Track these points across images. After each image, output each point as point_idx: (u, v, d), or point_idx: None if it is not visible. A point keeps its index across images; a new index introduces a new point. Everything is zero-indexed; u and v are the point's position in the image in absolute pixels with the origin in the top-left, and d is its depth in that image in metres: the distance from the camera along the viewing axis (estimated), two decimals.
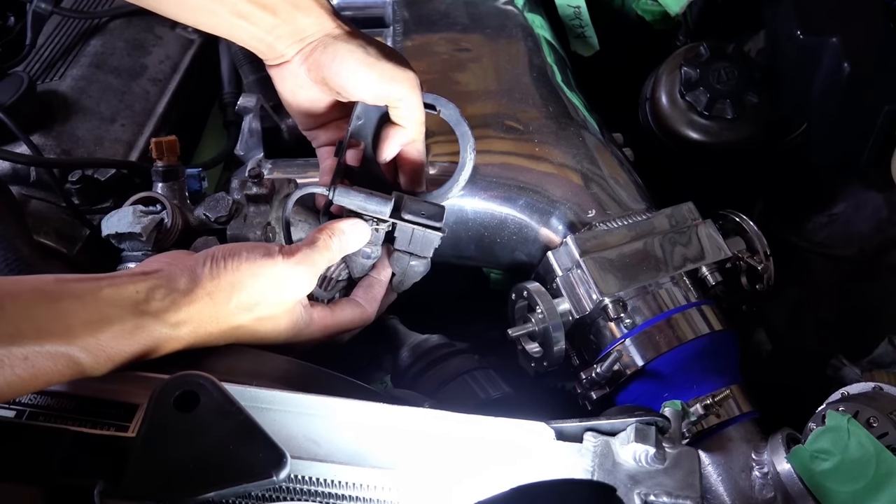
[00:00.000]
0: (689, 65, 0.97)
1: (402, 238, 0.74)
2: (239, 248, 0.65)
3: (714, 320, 0.78)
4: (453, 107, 0.78)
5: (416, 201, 0.75)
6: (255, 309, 0.64)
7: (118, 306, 0.56)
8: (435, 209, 0.74)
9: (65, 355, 0.53)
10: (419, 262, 0.76)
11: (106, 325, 0.55)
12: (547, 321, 0.77)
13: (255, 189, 0.83)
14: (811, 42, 0.89)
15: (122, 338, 0.55)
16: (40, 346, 0.51)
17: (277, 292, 0.65)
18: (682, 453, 0.55)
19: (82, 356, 0.53)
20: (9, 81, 0.95)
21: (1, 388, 0.50)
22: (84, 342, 0.53)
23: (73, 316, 0.54)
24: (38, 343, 0.51)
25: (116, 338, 0.55)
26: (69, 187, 0.93)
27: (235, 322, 0.63)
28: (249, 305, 0.63)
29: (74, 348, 0.53)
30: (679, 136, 0.99)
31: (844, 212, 0.95)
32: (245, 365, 0.64)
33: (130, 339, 0.56)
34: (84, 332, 0.54)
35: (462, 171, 0.78)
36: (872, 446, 0.62)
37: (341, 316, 0.73)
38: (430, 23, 1.00)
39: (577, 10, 1.07)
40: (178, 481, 0.48)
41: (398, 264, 0.76)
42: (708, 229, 0.82)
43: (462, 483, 0.53)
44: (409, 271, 0.77)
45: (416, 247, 0.75)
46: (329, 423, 0.55)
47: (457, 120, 0.78)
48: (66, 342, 0.53)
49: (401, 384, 0.82)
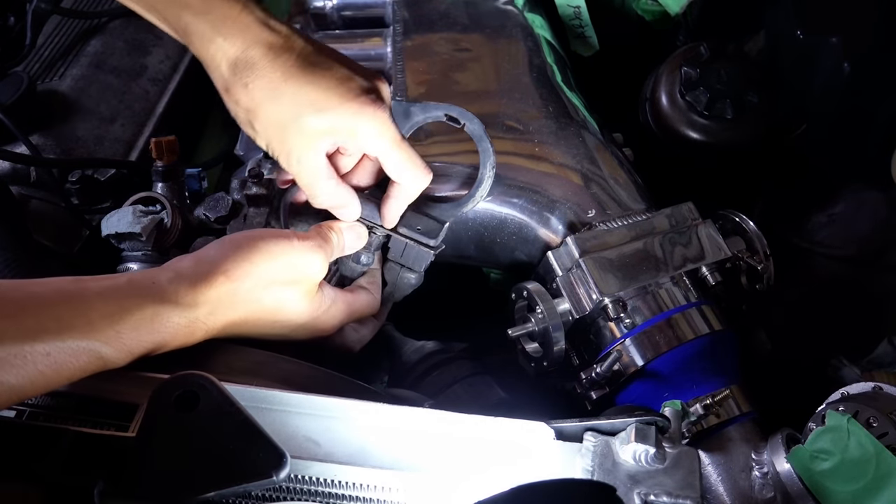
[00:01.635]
0: (689, 65, 0.97)
1: (396, 249, 0.75)
2: (254, 232, 0.65)
3: (714, 320, 0.78)
4: (478, 122, 0.76)
5: (416, 215, 0.75)
6: (272, 288, 0.64)
7: (137, 296, 0.57)
8: (433, 225, 0.74)
9: (86, 349, 0.53)
10: (411, 274, 0.76)
11: (126, 315, 0.55)
12: (547, 321, 0.77)
13: (255, 189, 0.83)
14: (811, 42, 0.89)
15: (143, 327, 0.56)
16: (62, 342, 0.52)
17: (294, 272, 0.65)
18: (682, 453, 0.55)
19: (104, 349, 0.54)
20: (9, 81, 0.95)
21: (24, 384, 0.51)
22: (105, 335, 0.54)
23: (94, 309, 0.55)
24: (60, 338, 0.52)
25: (136, 327, 0.56)
26: (69, 187, 0.93)
27: (254, 303, 0.63)
28: (266, 283, 0.63)
29: (96, 342, 0.54)
30: (679, 136, 0.99)
31: (844, 212, 0.95)
32: (245, 365, 0.64)
33: (150, 328, 0.56)
34: (104, 324, 0.54)
35: (479, 188, 0.77)
36: (872, 446, 0.62)
37: (359, 299, 0.73)
38: (430, 23, 1.00)
39: (577, 10, 1.07)
40: (177, 481, 0.48)
41: (389, 274, 0.76)
42: (708, 229, 0.82)
43: (462, 482, 0.53)
44: (400, 283, 0.77)
45: (408, 260, 0.75)
46: (329, 423, 0.55)
47: (480, 136, 0.76)
48: (88, 336, 0.53)
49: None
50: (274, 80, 0.63)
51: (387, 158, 0.69)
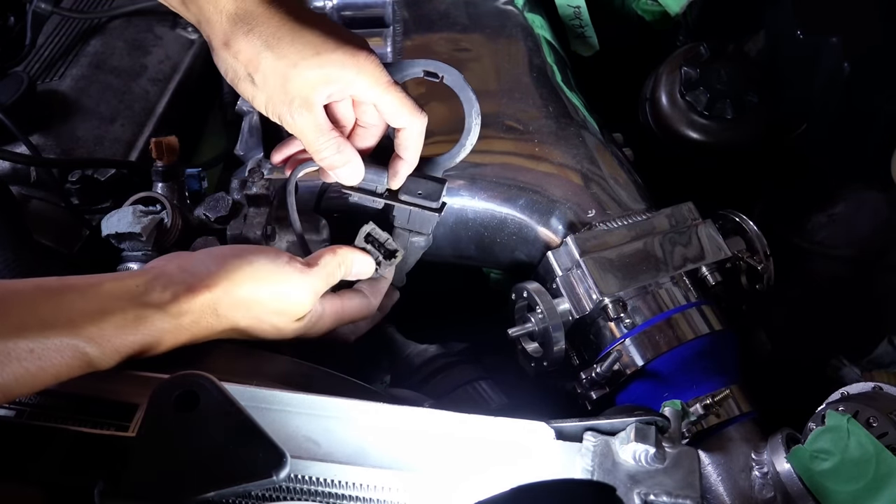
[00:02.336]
0: (689, 65, 0.97)
1: (401, 217, 0.75)
2: (244, 249, 0.65)
3: (714, 320, 0.78)
4: (456, 72, 0.75)
5: (416, 179, 0.75)
6: (253, 309, 0.64)
7: (119, 298, 0.57)
8: (433, 187, 0.75)
9: (70, 346, 0.53)
10: (420, 237, 0.77)
11: (108, 316, 0.56)
12: (547, 321, 0.77)
13: (255, 189, 0.83)
14: (811, 42, 0.89)
15: (126, 328, 0.56)
16: (45, 338, 0.52)
17: (278, 302, 0.65)
18: (681, 453, 0.55)
19: (88, 347, 0.54)
20: (9, 81, 0.95)
21: (9, 383, 0.51)
22: (88, 332, 0.54)
23: (75, 308, 0.55)
24: (43, 335, 0.52)
25: (119, 328, 0.56)
26: (69, 187, 0.93)
27: (234, 317, 0.63)
28: (248, 304, 0.63)
29: (79, 340, 0.54)
30: (679, 136, 0.99)
31: (844, 212, 0.95)
32: (245, 365, 0.64)
33: (134, 330, 0.57)
34: (87, 322, 0.55)
35: (468, 136, 0.77)
36: (872, 446, 0.62)
37: (349, 305, 0.73)
38: (430, 23, 1.00)
39: (577, 10, 1.07)
40: (177, 481, 0.48)
41: (399, 241, 0.76)
42: (708, 229, 0.82)
43: (462, 482, 0.53)
44: (411, 247, 0.77)
45: (415, 224, 0.76)
46: (329, 423, 0.55)
47: (461, 86, 0.75)
48: (71, 333, 0.53)
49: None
50: (272, 26, 0.64)
51: (383, 102, 0.69)
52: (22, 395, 0.54)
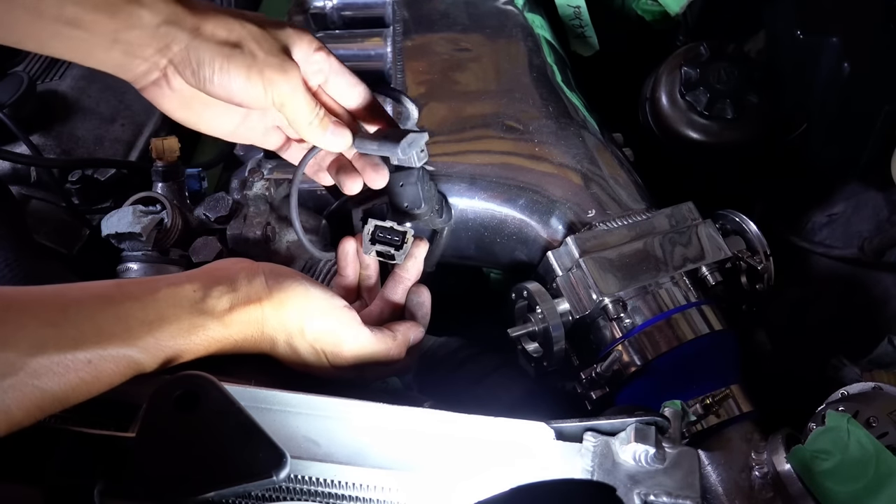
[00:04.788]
0: (689, 65, 0.97)
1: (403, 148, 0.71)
2: (305, 277, 0.65)
3: (714, 320, 0.78)
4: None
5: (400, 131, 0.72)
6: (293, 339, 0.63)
7: (176, 306, 0.57)
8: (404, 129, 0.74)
9: (125, 356, 0.53)
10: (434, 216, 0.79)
11: (165, 325, 0.56)
12: (547, 321, 0.77)
13: (255, 189, 0.83)
14: (811, 42, 0.89)
15: (180, 336, 0.56)
16: (103, 350, 0.52)
17: (329, 335, 0.64)
18: (681, 453, 0.55)
19: (141, 356, 0.54)
20: (9, 81, 0.95)
21: (66, 392, 0.51)
22: (144, 342, 0.54)
23: (133, 317, 0.55)
24: (101, 346, 0.52)
25: (174, 336, 0.56)
26: (69, 187, 0.93)
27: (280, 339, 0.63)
28: (299, 330, 0.63)
29: (134, 349, 0.54)
30: (679, 136, 0.99)
31: (844, 212, 0.95)
32: (245, 365, 0.64)
33: (188, 338, 0.57)
34: (144, 332, 0.55)
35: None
36: (872, 446, 0.62)
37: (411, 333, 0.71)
38: (430, 23, 1.00)
39: (577, 10, 1.07)
40: (178, 481, 0.48)
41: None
42: (708, 229, 0.82)
43: (462, 482, 0.53)
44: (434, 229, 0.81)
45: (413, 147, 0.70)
46: (329, 423, 0.55)
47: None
48: (127, 344, 0.54)
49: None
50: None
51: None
52: (76, 403, 0.53)
